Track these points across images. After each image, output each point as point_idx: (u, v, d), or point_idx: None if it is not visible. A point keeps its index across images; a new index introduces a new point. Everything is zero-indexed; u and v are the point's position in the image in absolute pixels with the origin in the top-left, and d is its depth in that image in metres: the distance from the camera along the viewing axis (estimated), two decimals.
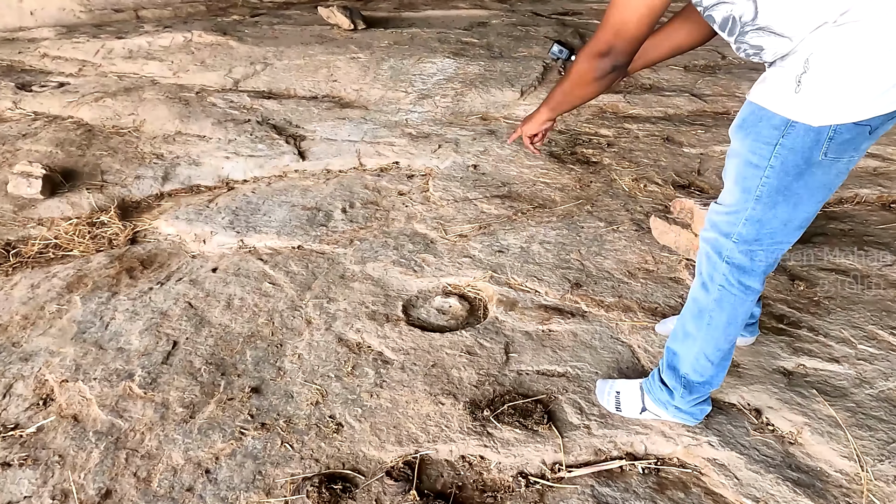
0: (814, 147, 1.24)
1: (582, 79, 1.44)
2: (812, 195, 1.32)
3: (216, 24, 6.31)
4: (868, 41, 1.12)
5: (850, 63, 1.14)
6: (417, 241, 2.71)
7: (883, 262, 2.29)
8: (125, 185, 3.39)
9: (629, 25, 1.29)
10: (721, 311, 1.51)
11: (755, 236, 1.40)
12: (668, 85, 4.24)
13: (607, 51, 1.34)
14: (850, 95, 1.16)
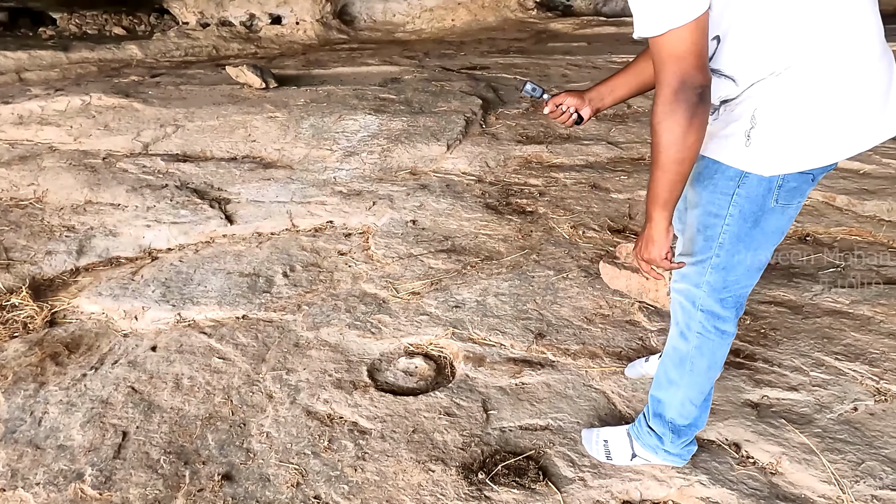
0: (766, 195, 1.35)
1: (680, 137, 1.22)
2: (768, 239, 1.44)
3: (115, 86, 6.04)
4: (809, 97, 1.24)
5: (794, 118, 1.26)
6: (369, 302, 2.65)
7: (813, 291, 2.48)
8: (35, 263, 3.12)
9: (690, 52, 1.18)
10: (702, 357, 1.57)
11: (723, 283, 1.48)
12: (585, 134, 4.47)
13: (683, 83, 1.18)
14: (794, 148, 1.28)
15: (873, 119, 1.28)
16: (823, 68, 1.22)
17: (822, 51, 1.21)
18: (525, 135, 4.54)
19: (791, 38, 1.21)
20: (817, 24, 1.20)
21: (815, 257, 2.74)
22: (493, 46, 8.13)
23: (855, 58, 1.23)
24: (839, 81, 1.23)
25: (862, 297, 2.41)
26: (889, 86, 1.28)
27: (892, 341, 2.17)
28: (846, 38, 1.22)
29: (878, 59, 1.24)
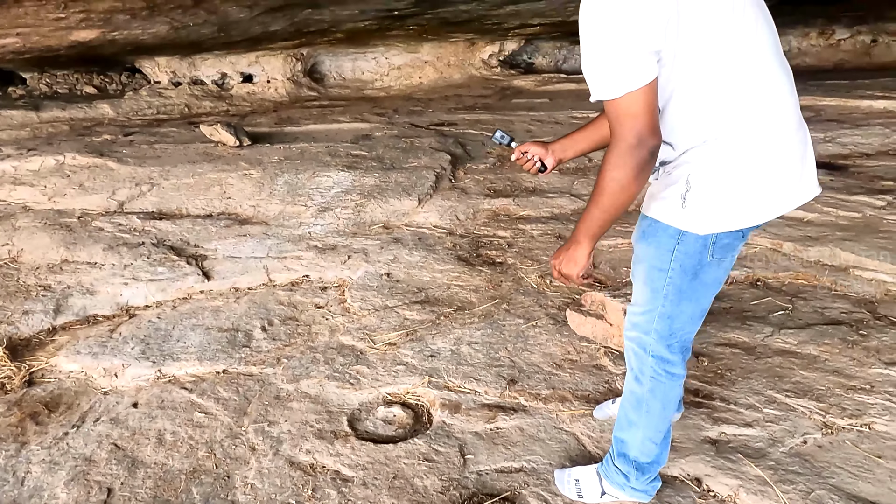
0: (703, 251, 1.52)
1: (626, 186, 1.37)
2: (708, 289, 1.60)
3: (88, 145, 6.12)
4: (736, 165, 1.42)
5: (723, 183, 1.43)
6: (347, 354, 2.74)
7: (764, 333, 2.66)
8: (11, 323, 3.14)
9: (643, 113, 1.32)
10: (655, 398, 1.71)
11: (669, 331, 1.64)
12: (549, 188, 4.69)
13: (638, 141, 1.32)
14: (724, 211, 1.46)
15: (792, 185, 1.48)
16: (748, 139, 1.41)
17: (747, 123, 1.40)
18: (493, 188, 4.75)
19: (720, 111, 1.39)
20: (743, 100, 1.39)
21: (766, 301, 2.93)
22: (460, 103, 8.45)
23: (775, 130, 1.42)
24: (761, 151, 1.42)
25: (808, 338, 2.59)
26: (804, 155, 1.49)
27: (836, 378, 2.34)
28: (768, 112, 1.41)
29: (794, 131, 1.44)
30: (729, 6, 1.34)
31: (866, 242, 3.27)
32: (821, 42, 10.76)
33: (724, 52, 1.36)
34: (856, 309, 2.81)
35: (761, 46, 1.39)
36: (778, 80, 1.42)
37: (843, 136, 5.34)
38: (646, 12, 1.26)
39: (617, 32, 1.28)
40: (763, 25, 1.40)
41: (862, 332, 2.60)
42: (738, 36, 1.36)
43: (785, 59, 1.48)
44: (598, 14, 1.29)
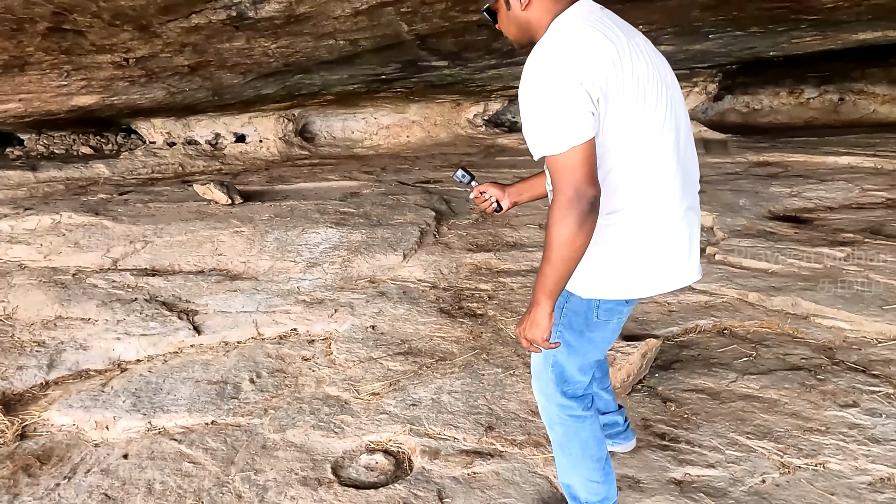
0: (589, 312, 1.66)
1: (571, 239, 1.43)
2: (595, 346, 1.74)
3: (84, 204, 6.29)
4: (624, 243, 1.58)
5: (609, 257, 1.59)
6: (332, 404, 2.85)
7: (729, 379, 2.80)
8: (6, 378, 3.23)
9: (581, 168, 1.41)
10: (572, 442, 1.83)
11: (563, 379, 1.77)
12: (529, 242, 4.88)
13: (577, 194, 1.40)
14: (606, 281, 1.61)
15: (672, 270, 1.64)
16: (635, 222, 1.57)
17: (636, 209, 1.56)
18: (475, 243, 4.93)
19: (616, 193, 1.55)
20: (636, 187, 1.55)
21: (731, 348, 3.08)
22: (446, 161, 8.75)
23: (662, 219, 1.58)
24: (646, 234, 1.58)
25: (770, 382, 2.74)
26: (690, 244, 1.66)
27: (794, 420, 2.47)
28: (657, 202, 1.56)
29: (681, 221, 1.61)
30: (643, 103, 1.50)
31: (826, 292, 3.45)
32: (791, 100, 11.25)
33: (629, 143, 1.51)
34: (815, 355, 2.97)
35: (664, 144, 1.55)
36: (672, 174, 1.57)
37: (809, 190, 5.60)
38: (586, 79, 1.41)
39: (559, 95, 1.42)
40: (670, 125, 1.57)
41: (819, 377, 2.75)
42: (644, 131, 1.52)
43: (691, 150, 1.68)
44: (541, 80, 1.44)
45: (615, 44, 1.46)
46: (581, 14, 1.53)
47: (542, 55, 1.46)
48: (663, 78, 1.57)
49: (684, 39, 5.80)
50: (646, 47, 1.58)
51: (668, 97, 1.57)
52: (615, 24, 1.54)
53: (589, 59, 1.43)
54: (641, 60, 1.51)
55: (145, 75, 5.15)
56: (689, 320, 3.40)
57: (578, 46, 1.45)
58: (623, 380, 2.67)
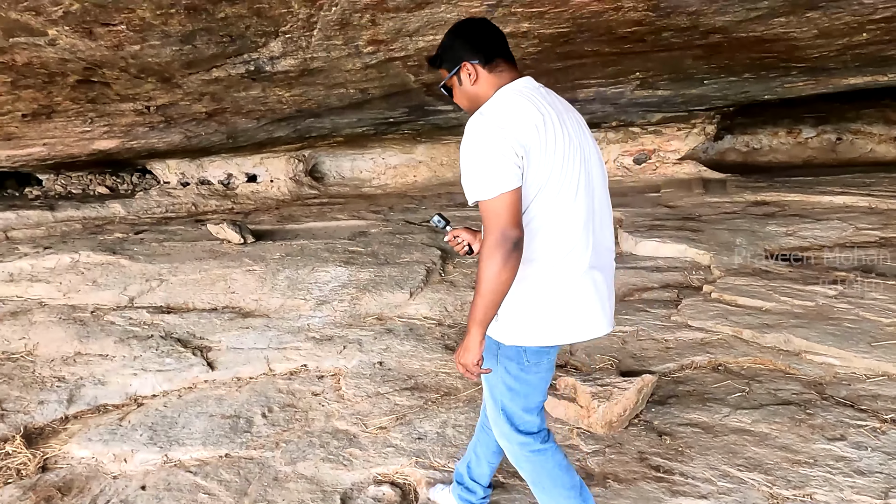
0: (519, 357, 1.82)
1: (496, 274, 1.62)
2: (534, 386, 1.88)
3: (101, 243, 6.50)
4: (536, 298, 1.76)
5: (523, 309, 1.77)
6: (341, 437, 2.97)
7: (722, 413, 2.91)
8: (28, 412, 3.36)
9: (506, 213, 1.62)
10: (540, 476, 1.95)
11: (512, 421, 1.91)
12: None
13: (502, 236, 1.60)
14: (524, 330, 1.79)
15: (582, 323, 1.81)
16: (548, 281, 1.76)
17: (549, 270, 1.75)
18: None
19: (532, 254, 1.73)
20: (549, 250, 1.74)
21: (725, 384, 3.20)
22: (452, 200, 8.97)
23: (572, 279, 1.76)
24: (557, 292, 1.76)
25: (761, 417, 2.85)
26: (601, 299, 1.83)
27: (783, 453, 2.58)
28: (568, 265, 1.75)
29: (583, 276, 1.78)
30: (560, 169, 1.71)
31: (818, 328, 3.57)
32: (790, 140, 11.48)
33: (544, 201, 1.71)
34: (806, 390, 3.08)
35: (575, 208, 1.75)
36: (580, 234, 1.76)
37: (804, 230, 5.75)
38: (513, 138, 1.64)
39: (490, 150, 1.64)
40: (583, 193, 1.77)
41: (809, 412, 2.86)
42: (558, 193, 1.72)
43: (607, 220, 1.89)
44: (476, 138, 1.68)
45: (542, 114, 1.71)
46: (518, 88, 1.78)
47: (480, 117, 1.71)
48: (584, 152, 1.80)
49: (680, 85, 6.04)
50: (573, 122, 1.81)
51: (586, 169, 1.79)
52: (547, 99, 1.78)
53: (517, 123, 1.67)
54: (565, 132, 1.74)
55: (164, 121, 5.40)
56: (685, 356, 3.53)
57: (509, 112, 1.70)
58: (620, 414, 2.79)
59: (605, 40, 3.90)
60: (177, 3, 2.62)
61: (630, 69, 5.15)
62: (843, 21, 3.83)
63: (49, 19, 2.64)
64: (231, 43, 3.32)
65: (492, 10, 3.16)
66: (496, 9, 3.14)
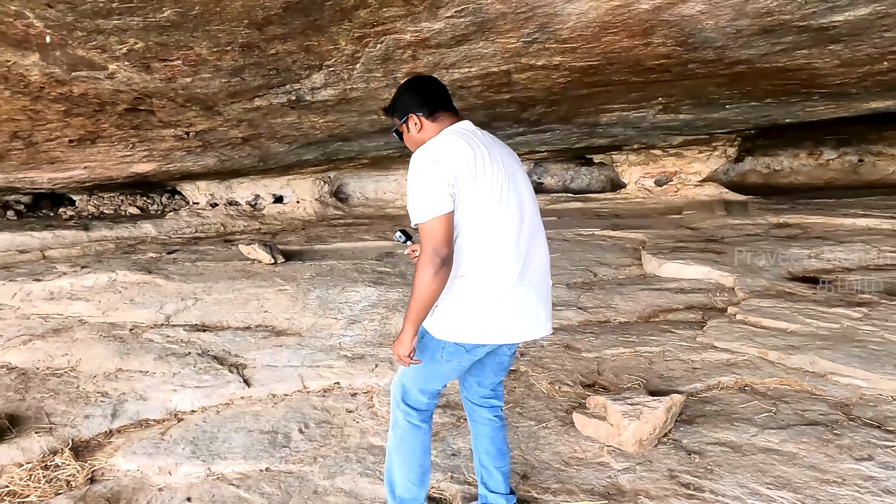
0: (437, 349, 2.14)
1: (427, 284, 1.96)
2: (436, 377, 2.24)
3: (136, 263, 6.70)
4: (466, 301, 2.06)
5: (454, 309, 2.07)
6: (377, 453, 3.07)
7: (750, 433, 2.97)
8: (74, 426, 3.50)
9: (438, 234, 1.95)
10: (405, 443, 2.30)
11: (406, 391, 2.29)
12: (557, 300, 5.11)
13: (434, 252, 1.95)
14: (451, 326, 2.08)
15: (512, 325, 2.11)
16: (475, 288, 2.06)
17: (477, 278, 2.06)
18: None
19: (465, 263, 2.05)
20: (478, 261, 2.04)
21: (752, 404, 3.25)
22: None
23: (494, 286, 2.05)
24: (484, 298, 2.06)
25: (789, 437, 2.90)
26: (535, 302, 2.15)
27: (812, 472, 2.63)
28: (495, 276, 2.05)
29: (511, 289, 2.08)
30: (488, 197, 2.02)
31: (843, 350, 3.62)
32: (811, 162, 11.49)
33: (475, 225, 2.03)
34: (832, 411, 3.13)
35: (504, 231, 2.06)
36: (509, 254, 2.07)
37: (827, 251, 5.79)
38: (445, 170, 1.96)
39: (427, 180, 1.96)
40: (512, 217, 2.08)
41: (836, 432, 2.91)
42: (488, 218, 2.03)
43: (538, 241, 2.19)
44: (417, 170, 2.00)
45: (473, 149, 2.03)
46: (456, 129, 2.12)
47: (421, 153, 2.04)
48: (514, 180, 2.13)
49: (702, 109, 6.14)
50: (504, 156, 2.14)
51: (516, 195, 2.12)
52: (480, 138, 2.12)
53: (450, 157, 2.00)
54: (494, 164, 2.07)
55: (201, 145, 5.61)
56: (712, 377, 3.59)
57: (444, 148, 2.03)
58: (650, 432, 2.87)
59: (633, 71, 4.04)
60: (233, 42, 2.80)
61: (653, 95, 5.28)
62: (865, 52, 3.94)
63: (113, 56, 2.83)
64: (277, 75, 3.50)
65: (527, 46, 3.32)
66: (531, 45, 3.30)
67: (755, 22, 3.30)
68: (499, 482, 2.47)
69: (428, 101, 2.15)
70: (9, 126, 4.20)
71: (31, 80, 3.13)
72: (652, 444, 2.92)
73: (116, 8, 2.48)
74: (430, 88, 2.18)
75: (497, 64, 3.71)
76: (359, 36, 3.10)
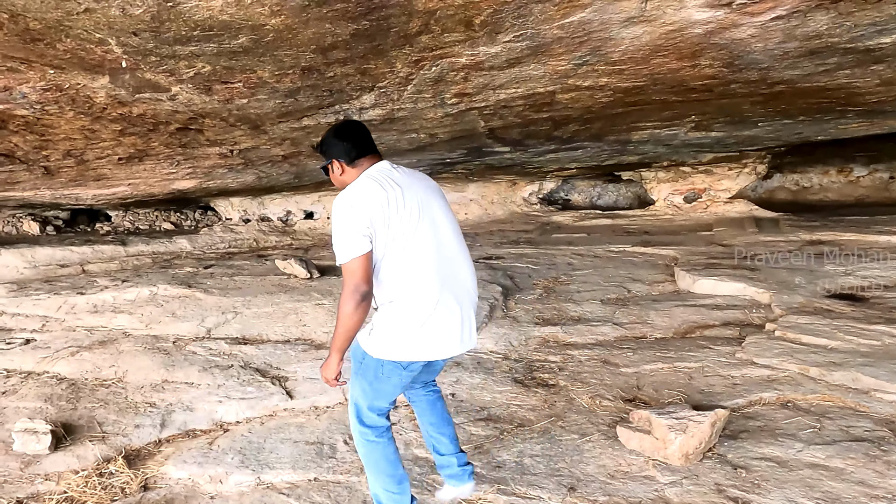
0: (377, 368, 2.38)
1: (349, 316, 2.22)
2: (381, 395, 2.46)
3: (175, 277, 6.86)
4: (396, 323, 2.31)
5: (387, 330, 2.33)
6: (422, 465, 3.13)
7: (795, 449, 2.98)
8: (125, 435, 3.61)
9: (358, 272, 2.20)
10: (370, 458, 2.51)
11: (359, 412, 2.50)
12: (592, 316, 5.15)
13: (355, 288, 2.20)
14: (387, 347, 2.33)
15: (440, 342, 2.37)
16: (402, 312, 2.31)
17: (404, 303, 2.30)
18: (542, 317, 5.24)
19: (392, 290, 2.31)
20: (404, 288, 2.29)
21: (796, 420, 3.26)
22: (505, 238, 9.17)
23: (419, 309, 2.30)
24: (411, 321, 2.31)
25: (835, 453, 2.91)
26: (459, 320, 2.41)
27: (861, 487, 2.64)
28: (418, 300, 2.30)
29: (435, 310, 2.31)
30: (404, 231, 2.27)
31: (886, 368, 3.61)
32: (840, 179, 11.39)
33: (395, 257, 2.28)
34: (877, 427, 3.13)
35: (424, 260, 2.31)
36: (430, 279, 2.31)
37: (864, 269, 5.75)
38: (361, 215, 2.21)
39: (345, 224, 2.22)
40: (430, 246, 2.33)
41: (883, 448, 2.91)
42: (406, 250, 2.28)
43: (460, 264, 2.43)
44: (337, 215, 2.25)
45: (386, 192, 2.28)
46: (372, 173, 2.37)
47: (340, 199, 2.30)
48: (430, 213, 2.37)
49: (734, 127, 6.17)
50: (421, 191, 2.39)
51: (432, 225, 2.37)
52: (395, 177, 2.36)
53: (364, 202, 2.25)
54: (408, 201, 2.31)
55: (243, 163, 5.77)
56: (753, 393, 3.60)
57: (359, 194, 2.29)
58: (695, 446, 2.89)
59: (674, 91, 4.12)
60: (296, 65, 2.93)
61: (686, 113, 5.33)
62: None
63: (179, 79, 2.98)
64: (329, 96, 3.63)
65: (576, 68, 3.42)
66: (581, 67, 3.40)
67: (803, 44, 3.37)
68: (447, 445, 2.76)
69: (350, 150, 2.41)
70: (64, 144, 4.38)
71: (96, 102, 3.29)
72: (697, 458, 2.94)
73: (196, 35, 2.64)
74: (353, 137, 2.44)
75: (544, 85, 3.82)
76: (416, 59, 3.25)
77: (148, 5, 2.47)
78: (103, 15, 2.57)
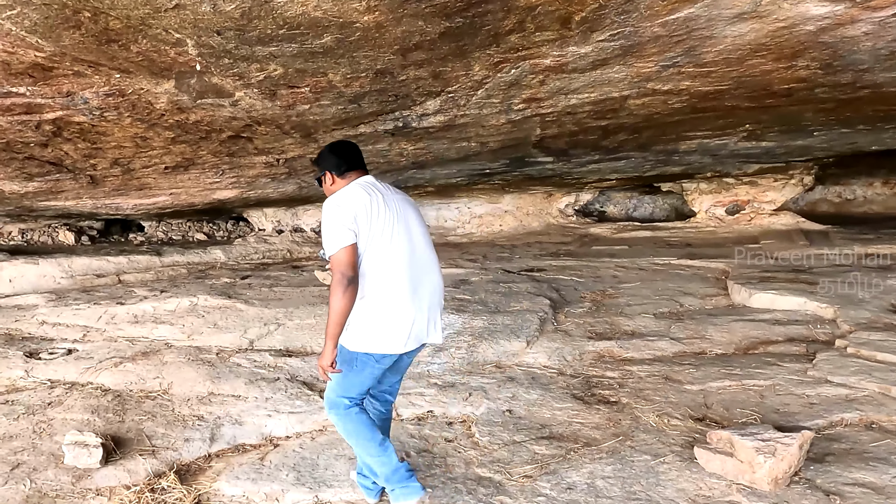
0: (352, 360, 2.63)
1: (338, 300, 2.44)
2: (354, 384, 2.69)
3: (213, 288, 6.81)
4: (369, 317, 2.56)
5: (361, 325, 2.56)
6: (486, 485, 2.98)
7: (890, 474, 2.78)
8: (175, 449, 3.51)
9: (344, 260, 2.45)
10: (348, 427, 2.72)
11: (336, 395, 2.71)
12: (647, 331, 4.97)
13: (342, 275, 2.44)
14: (361, 339, 2.58)
15: (410, 335, 2.63)
16: (374, 306, 2.55)
17: (376, 300, 2.55)
18: (594, 331, 5.07)
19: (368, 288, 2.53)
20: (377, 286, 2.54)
21: (885, 443, 3.06)
22: (543, 250, 9.00)
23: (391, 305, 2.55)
24: (381, 314, 2.56)
25: None
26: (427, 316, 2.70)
27: None
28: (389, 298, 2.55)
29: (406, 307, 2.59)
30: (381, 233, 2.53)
31: None
32: (885, 191, 11.09)
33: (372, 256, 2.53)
34: None
35: (397, 261, 2.57)
36: (401, 279, 2.57)
37: None
38: (347, 212, 2.50)
39: (334, 220, 2.50)
40: (404, 250, 2.59)
41: None
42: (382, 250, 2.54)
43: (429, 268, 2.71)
44: (327, 213, 2.53)
45: (370, 197, 2.57)
46: (359, 182, 2.65)
47: (329, 201, 2.58)
48: (406, 222, 2.65)
49: (788, 136, 5.98)
50: (398, 203, 2.66)
51: (407, 234, 2.63)
52: (378, 188, 2.64)
53: (350, 202, 2.53)
54: (387, 207, 2.59)
55: (286, 173, 5.71)
56: (833, 413, 3.40)
57: (347, 196, 2.57)
58: (785, 471, 2.71)
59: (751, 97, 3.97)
60: (370, 68, 2.85)
61: (741, 122, 5.16)
62: None
63: (246, 83, 2.91)
64: (393, 101, 3.55)
65: (662, 70, 3.29)
66: (667, 69, 3.26)
67: None
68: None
69: (340, 164, 2.70)
70: (113, 153, 4.34)
71: (156, 108, 3.24)
72: (785, 482, 2.75)
73: (280, 35, 2.63)
74: (345, 153, 2.73)
75: (620, 89, 3.75)
76: (497, 61, 3.21)
77: (241, 1, 2.48)
78: (192, 12, 2.60)
